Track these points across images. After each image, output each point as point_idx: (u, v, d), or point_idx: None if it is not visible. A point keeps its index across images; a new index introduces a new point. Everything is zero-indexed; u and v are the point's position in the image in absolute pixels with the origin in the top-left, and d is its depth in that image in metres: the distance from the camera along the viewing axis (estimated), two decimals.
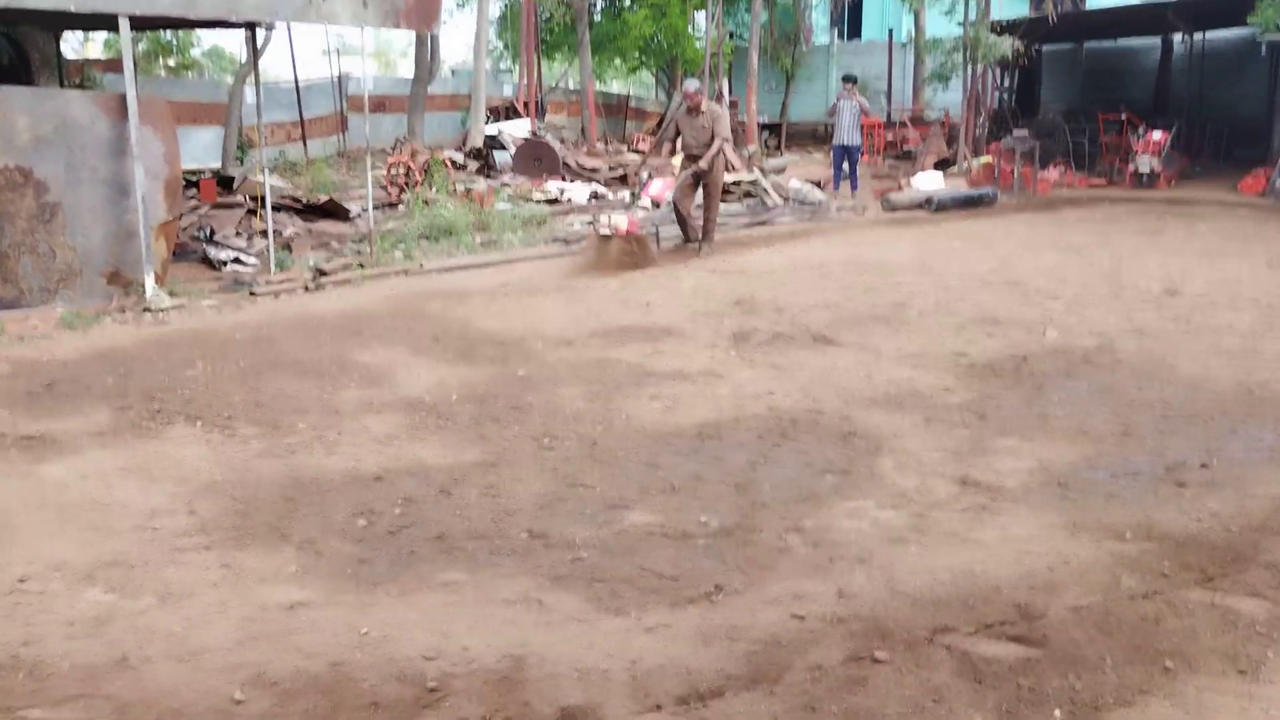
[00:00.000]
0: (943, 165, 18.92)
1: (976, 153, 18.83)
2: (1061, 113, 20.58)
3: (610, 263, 9.96)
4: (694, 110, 10.88)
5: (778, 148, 24.61)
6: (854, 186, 16.30)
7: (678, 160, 11.92)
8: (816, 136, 27.72)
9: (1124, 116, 18.79)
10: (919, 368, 6.48)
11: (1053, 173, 18.09)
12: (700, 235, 11.15)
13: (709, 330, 7.51)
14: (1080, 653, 3.18)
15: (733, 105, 22.03)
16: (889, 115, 24.90)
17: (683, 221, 11.23)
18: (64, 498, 4.40)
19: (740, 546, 3.97)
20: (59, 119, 7.98)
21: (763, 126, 24.10)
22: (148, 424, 5.37)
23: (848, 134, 15.99)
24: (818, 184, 16.73)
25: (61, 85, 11.26)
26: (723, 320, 7.81)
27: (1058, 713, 2.89)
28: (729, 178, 16.52)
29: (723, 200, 14.94)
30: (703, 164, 10.68)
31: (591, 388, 6.10)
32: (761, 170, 16.93)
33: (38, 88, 9.29)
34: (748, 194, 15.34)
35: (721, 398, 5.91)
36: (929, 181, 16.56)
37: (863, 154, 17.80)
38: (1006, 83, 23.10)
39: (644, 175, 11.99)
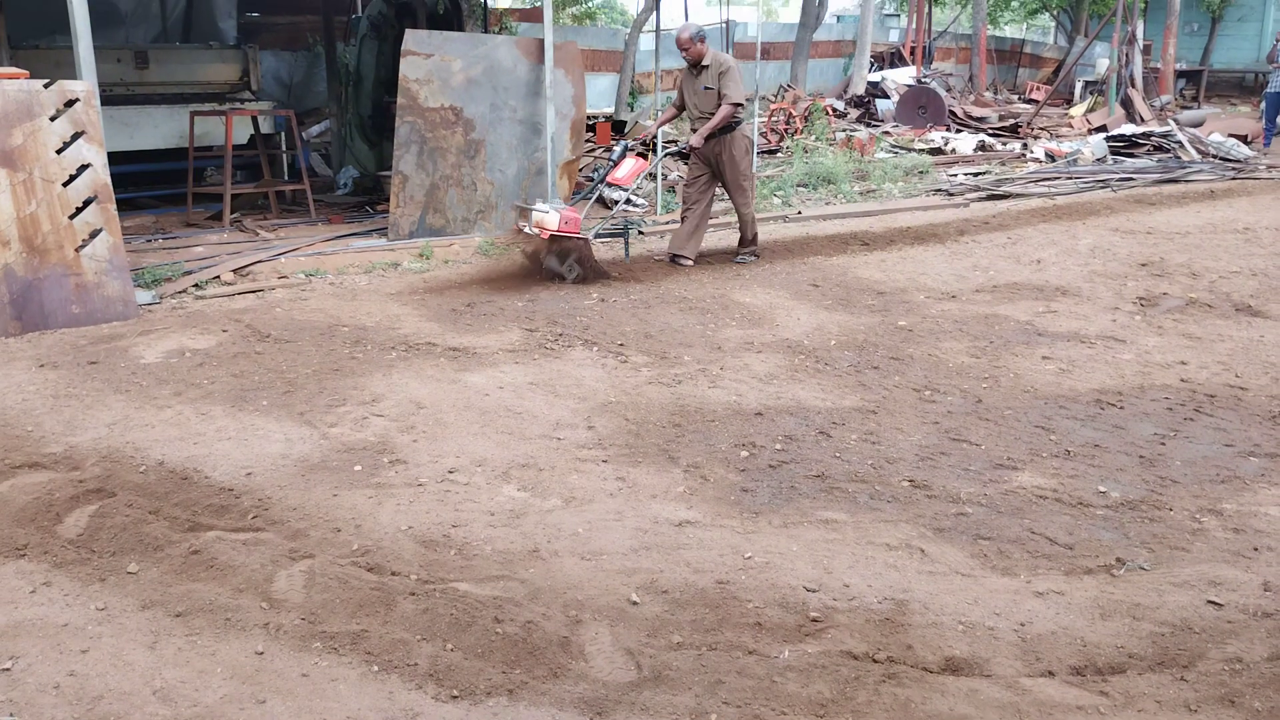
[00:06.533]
0: None
1: None
2: None
3: (530, 270, 7.48)
4: (694, 65, 7.84)
5: (1194, 98, 22.10)
6: None
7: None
8: (1243, 86, 24.65)
9: None
10: None
11: None
12: (683, 252, 7.96)
13: (1110, 292, 6.95)
14: None
15: (1145, 50, 19.99)
16: None
17: (684, 223, 8.07)
18: (484, 403, 4.89)
19: (1145, 522, 3.67)
20: (487, 62, 8.77)
21: (1179, 74, 21.70)
22: (551, 345, 5.84)
23: None
24: (1244, 139, 14.89)
25: (485, 32, 12.34)
26: (1125, 282, 7.19)
27: None
28: (1130, 129, 15.07)
29: (1130, 154, 13.73)
30: (693, 141, 7.70)
31: (977, 344, 5.86)
32: (1175, 122, 15.32)
33: (470, 34, 10.22)
34: (1158, 148, 13.94)
35: (1124, 364, 5.46)
36: None
37: None
38: None
39: (616, 149, 8.20)
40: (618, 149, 8.12)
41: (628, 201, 10.66)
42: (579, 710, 2.64)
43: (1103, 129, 16.06)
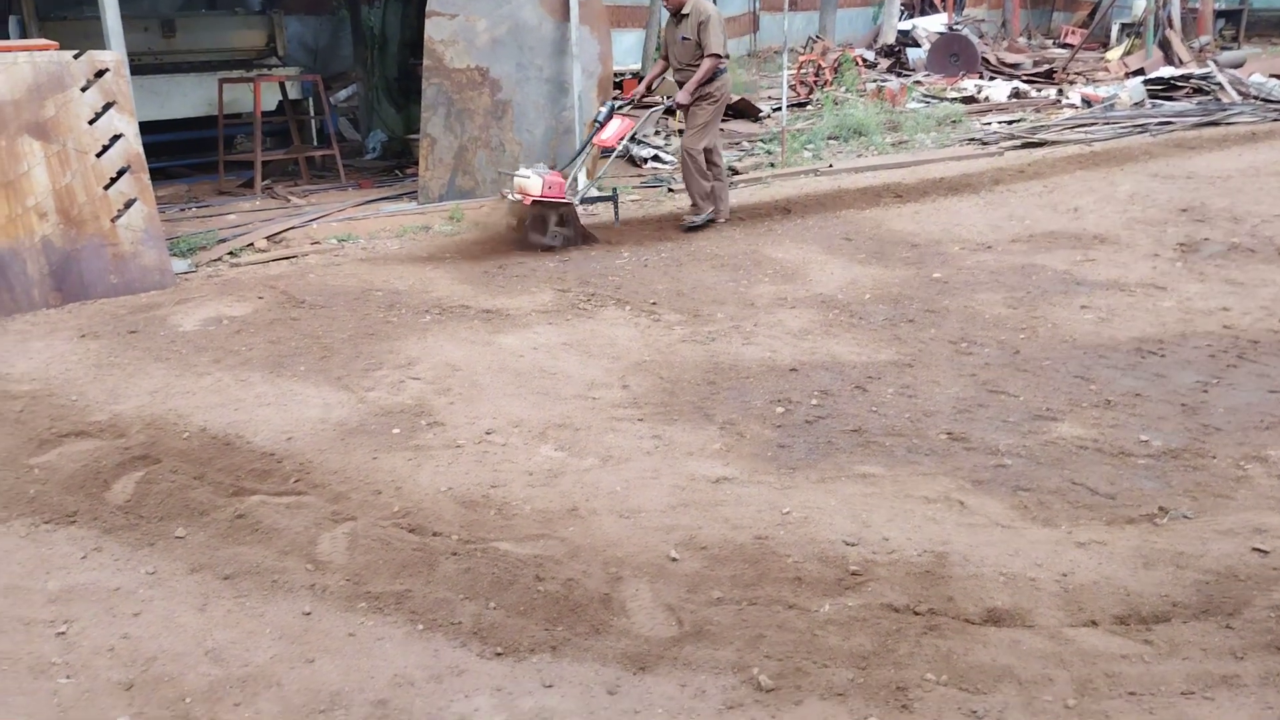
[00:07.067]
0: None
1: None
2: None
3: (512, 238, 7.25)
4: (675, 13, 7.50)
5: (1234, 38, 21.54)
6: None
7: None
8: None
9: None
10: None
11: None
12: (716, 218, 7.75)
13: (1149, 239, 6.83)
14: None
15: None
16: None
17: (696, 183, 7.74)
18: (518, 365, 4.91)
19: (1188, 470, 3.63)
20: (512, 21, 8.70)
21: (1219, 14, 21.14)
22: (584, 305, 5.84)
23: None
24: None
25: None
26: (1165, 229, 7.07)
27: None
28: (1168, 72, 14.71)
29: (1168, 98, 13.43)
30: (679, 98, 7.42)
31: (1013, 294, 5.79)
32: (1215, 63, 14.94)
33: None
34: (1198, 90, 13.62)
35: (1164, 311, 5.39)
36: None
37: None
38: None
39: (603, 110, 7.79)
40: (604, 110, 7.85)
41: (655, 158, 10.59)
42: (622, 665, 2.67)
43: (1140, 72, 15.71)
